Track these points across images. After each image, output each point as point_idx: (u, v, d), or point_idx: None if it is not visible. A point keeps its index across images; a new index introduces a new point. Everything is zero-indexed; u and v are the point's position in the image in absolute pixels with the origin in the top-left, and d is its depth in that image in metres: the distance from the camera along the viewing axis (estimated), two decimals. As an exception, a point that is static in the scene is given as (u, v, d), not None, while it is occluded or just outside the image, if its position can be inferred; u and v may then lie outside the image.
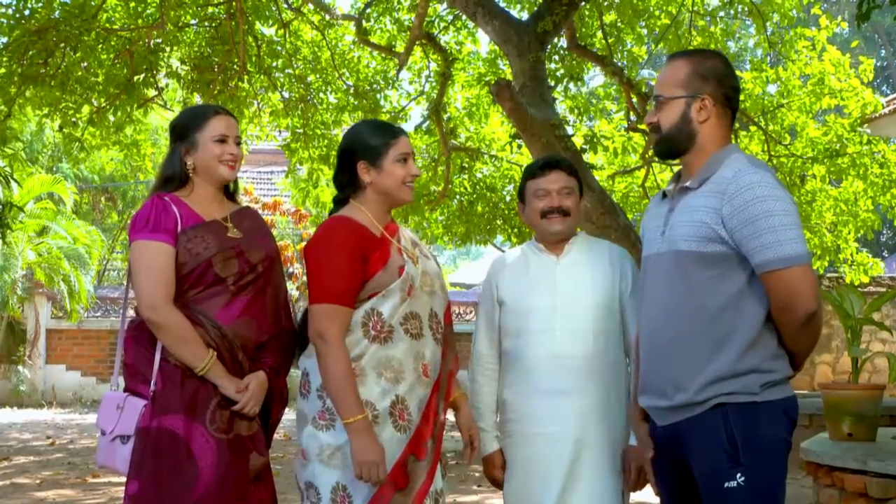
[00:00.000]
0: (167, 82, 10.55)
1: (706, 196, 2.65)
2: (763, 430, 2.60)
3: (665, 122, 2.76)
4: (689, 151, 2.76)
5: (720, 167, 2.68)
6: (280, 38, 10.55)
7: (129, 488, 3.00)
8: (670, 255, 2.69)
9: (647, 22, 10.52)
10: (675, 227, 2.69)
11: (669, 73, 2.78)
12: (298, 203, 13.16)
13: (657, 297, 2.75)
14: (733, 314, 2.62)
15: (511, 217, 12.14)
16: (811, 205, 11.18)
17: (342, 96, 11.28)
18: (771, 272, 2.56)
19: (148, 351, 3.05)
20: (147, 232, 3.03)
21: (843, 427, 5.02)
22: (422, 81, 11.51)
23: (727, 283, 2.62)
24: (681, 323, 2.67)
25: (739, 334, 2.61)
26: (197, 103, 10.33)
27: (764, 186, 2.58)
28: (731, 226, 2.59)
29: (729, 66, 2.81)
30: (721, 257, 2.62)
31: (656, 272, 2.75)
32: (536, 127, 7.90)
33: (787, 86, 10.97)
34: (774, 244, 2.55)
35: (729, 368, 2.60)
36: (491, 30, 8.73)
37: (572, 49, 9.81)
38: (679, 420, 2.68)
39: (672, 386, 2.69)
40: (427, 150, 12.10)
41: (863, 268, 11.41)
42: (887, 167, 10.89)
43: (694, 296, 2.64)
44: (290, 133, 11.36)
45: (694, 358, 2.64)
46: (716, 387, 2.61)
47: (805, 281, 2.57)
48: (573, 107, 10.91)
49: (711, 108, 2.73)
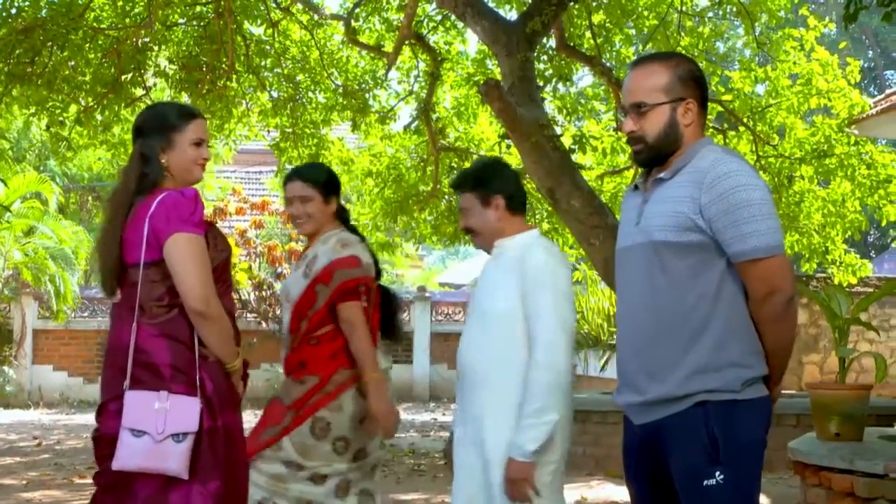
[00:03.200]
0: (155, 81, 10.53)
1: (683, 186, 2.65)
2: (743, 428, 2.62)
3: (651, 130, 2.73)
4: (672, 153, 2.75)
5: (694, 157, 2.69)
6: (269, 37, 10.54)
7: (211, 488, 2.99)
8: (646, 246, 2.68)
9: (635, 22, 10.54)
10: (651, 218, 2.69)
11: (646, 78, 2.75)
12: (287, 203, 13.14)
13: (634, 288, 2.74)
14: (711, 303, 2.62)
15: (500, 217, 12.14)
16: (799, 205, 11.20)
17: (331, 96, 11.27)
18: (751, 261, 2.58)
19: (187, 348, 3.04)
20: (193, 225, 3.03)
21: (831, 427, 5.05)
22: (410, 81, 11.51)
23: (705, 272, 2.63)
24: (658, 313, 2.66)
25: (718, 324, 2.62)
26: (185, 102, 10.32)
27: (742, 175, 2.60)
28: (710, 214, 2.59)
29: (700, 68, 2.83)
30: (698, 246, 2.62)
31: (632, 264, 2.75)
32: (525, 127, 7.91)
33: (775, 86, 11.00)
34: (755, 233, 2.57)
35: (707, 360, 2.60)
36: (480, 30, 8.74)
37: (561, 49, 9.82)
38: (658, 418, 2.67)
39: (647, 377, 2.67)
40: (416, 151, 12.10)
41: (851, 269, 11.44)
42: (875, 168, 10.91)
43: (671, 286, 2.64)
44: (278, 133, 11.35)
45: (672, 348, 2.63)
46: (696, 381, 2.60)
47: (785, 268, 2.61)
48: (562, 107, 10.92)
49: (695, 112, 2.74)
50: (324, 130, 11.50)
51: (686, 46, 10.28)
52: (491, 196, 3.38)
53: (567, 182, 7.96)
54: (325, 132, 11.55)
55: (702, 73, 2.82)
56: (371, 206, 12.64)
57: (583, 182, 8.20)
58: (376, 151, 12.31)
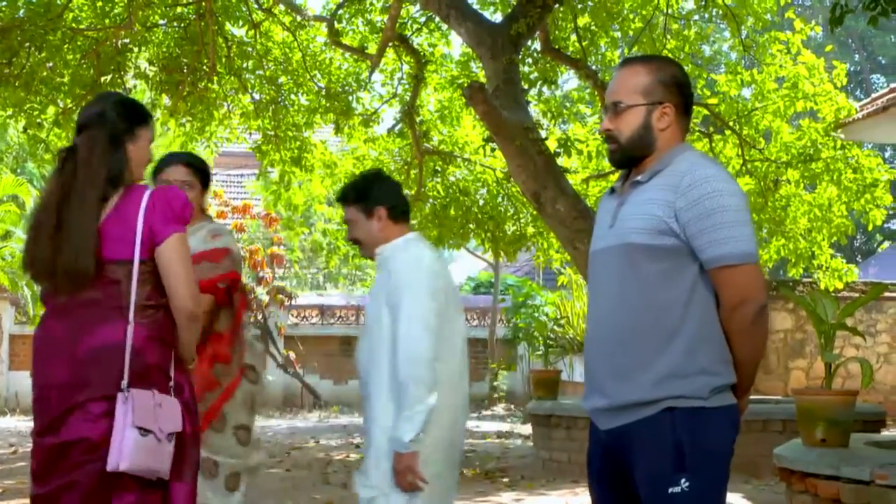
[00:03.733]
0: (135, 83, 10.49)
1: (658, 189, 2.66)
2: (710, 436, 2.61)
3: (625, 130, 2.75)
4: (647, 157, 2.76)
5: (672, 162, 2.69)
6: (250, 38, 10.52)
7: (189, 489, 3.00)
8: (620, 249, 2.68)
9: (620, 25, 10.57)
10: (625, 220, 2.69)
11: (628, 79, 2.77)
12: (269, 206, 13.14)
13: (606, 291, 2.73)
14: (683, 309, 2.62)
15: (484, 221, 12.15)
16: (785, 210, 11.23)
17: (314, 98, 11.25)
18: (724, 268, 2.59)
19: (169, 349, 3.01)
20: (183, 224, 3.02)
21: (817, 433, 5.06)
22: (394, 83, 11.52)
23: (678, 277, 2.63)
24: (628, 316, 2.66)
25: (688, 330, 2.61)
26: (166, 105, 10.29)
27: (718, 181, 2.61)
28: (685, 220, 2.60)
29: (685, 74, 2.83)
30: (672, 251, 2.63)
31: (605, 266, 2.75)
32: (510, 130, 7.91)
33: (761, 89, 11.04)
34: (729, 240, 2.58)
35: (677, 366, 2.60)
36: (464, 32, 8.74)
37: (546, 52, 9.84)
38: (624, 423, 2.66)
39: (615, 381, 2.66)
40: (400, 154, 12.10)
41: (837, 274, 11.48)
42: (861, 172, 10.96)
43: (644, 289, 2.64)
44: (260, 135, 11.33)
45: (641, 352, 2.63)
46: (664, 387, 2.60)
47: (757, 277, 2.63)
48: (547, 110, 10.94)
49: (672, 117, 2.74)
50: (306, 133, 11.48)
51: (672, 49, 10.31)
52: (374, 208, 3.56)
53: (552, 186, 7.97)
54: (307, 135, 11.53)
55: (687, 79, 2.82)
56: (354, 210, 12.61)
57: (568, 186, 8.21)
58: (360, 154, 12.30)
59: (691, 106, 2.83)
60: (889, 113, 10.59)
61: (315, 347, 16.82)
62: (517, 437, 12.10)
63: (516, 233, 12.36)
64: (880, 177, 11.07)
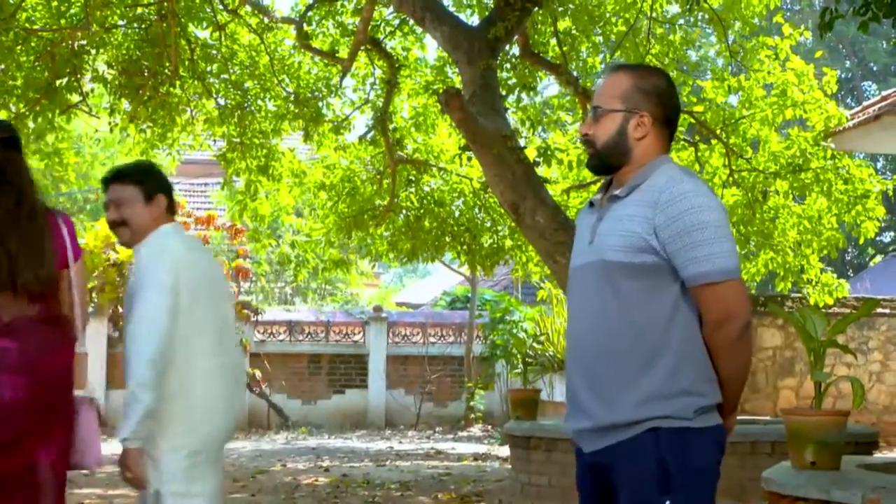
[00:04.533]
0: (92, 87, 10.44)
1: (637, 205, 2.70)
2: (695, 457, 2.66)
3: (601, 135, 2.81)
4: (623, 167, 2.81)
5: (650, 176, 2.74)
6: (215, 41, 10.49)
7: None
8: (598, 266, 2.72)
9: (603, 29, 10.62)
10: (604, 237, 2.73)
11: (610, 84, 2.83)
12: (234, 217, 13.06)
13: (586, 309, 2.77)
14: (665, 328, 2.66)
15: (461, 233, 12.16)
16: (774, 222, 11.29)
17: (281, 104, 11.23)
18: (706, 285, 2.63)
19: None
20: None
21: (806, 455, 5.08)
22: (366, 89, 11.52)
23: (658, 295, 2.67)
24: (609, 336, 2.70)
25: (671, 349, 2.66)
26: (125, 110, 10.24)
27: (697, 196, 2.66)
28: (665, 236, 2.64)
29: (672, 86, 2.87)
30: (652, 269, 2.67)
31: (584, 283, 2.78)
32: (487, 138, 7.93)
33: (748, 96, 11.11)
34: (711, 257, 2.62)
35: (660, 386, 2.64)
36: (439, 35, 8.77)
37: (525, 57, 9.88)
38: (608, 444, 2.70)
39: (598, 402, 2.70)
40: (372, 162, 12.10)
41: (827, 289, 11.54)
42: (852, 183, 11.03)
43: (624, 308, 2.68)
44: (225, 142, 11.29)
45: (623, 373, 2.67)
46: (648, 408, 2.64)
47: (741, 293, 2.67)
48: (526, 118, 10.97)
49: (649, 126, 2.79)
50: (274, 140, 11.46)
51: (656, 54, 10.37)
52: (156, 194, 3.66)
53: (531, 196, 7.99)
54: (275, 142, 11.50)
55: (673, 90, 2.86)
56: (324, 221, 12.61)
57: (547, 196, 8.23)
58: (330, 163, 12.29)
59: (674, 119, 2.87)
60: (881, 122, 10.66)
61: (282, 365, 16.75)
62: (495, 460, 12.09)
63: (494, 246, 12.38)
64: (872, 188, 11.14)
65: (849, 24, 23.45)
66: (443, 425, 16.68)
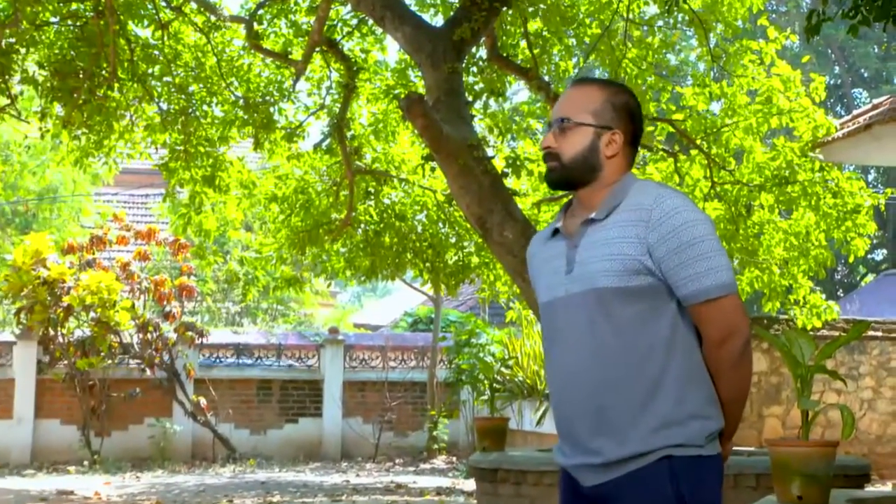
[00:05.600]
0: (22, 89, 10.37)
1: (624, 226, 2.73)
2: (707, 486, 2.71)
3: (568, 149, 2.83)
4: (588, 185, 2.84)
5: (629, 194, 2.78)
6: (157, 40, 10.45)
7: None
8: (587, 296, 2.74)
9: (576, 31, 10.68)
10: (589, 264, 2.75)
11: (579, 97, 2.87)
12: (178, 231, 12.99)
13: (575, 343, 2.77)
14: (665, 351, 2.71)
15: (423, 250, 12.16)
16: (759, 238, 11.36)
17: (230, 109, 11.20)
18: (708, 301, 2.69)
19: None
20: None
21: (793, 489, 5.10)
22: (322, 93, 11.51)
23: (656, 318, 2.72)
24: (606, 367, 2.72)
25: (674, 373, 2.70)
26: (57, 114, 10.16)
27: (689, 211, 2.71)
28: (660, 255, 2.68)
29: (639, 105, 2.95)
30: (648, 291, 2.71)
31: (569, 316, 2.79)
32: (452, 147, 7.94)
33: (731, 104, 11.17)
34: (710, 271, 2.68)
35: (669, 413, 2.68)
36: (401, 36, 8.77)
37: (493, 60, 9.91)
38: (617, 476, 2.71)
39: (603, 438, 2.71)
40: (327, 173, 12.08)
41: (816, 310, 11.61)
42: (841, 197, 11.12)
43: (620, 335, 2.71)
44: (168, 150, 11.24)
45: (630, 403, 2.69)
46: (660, 436, 2.67)
47: (741, 307, 2.74)
48: (494, 125, 11.01)
49: (621, 145, 2.84)
50: (221, 149, 11.42)
51: (633, 59, 10.44)
52: None
53: (499, 210, 8.00)
54: (222, 150, 11.47)
55: (640, 110, 2.93)
56: (275, 236, 12.56)
57: (517, 210, 8.25)
58: (282, 173, 12.26)
59: (639, 139, 2.94)
60: (872, 131, 10.75)
61: (229, 392, 16.63)
62: (459, 494, 12.07)
63: (459, 263, 12.38)
64: (863, 202, 11.22)
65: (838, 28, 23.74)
66: (404, 457, 16.63)
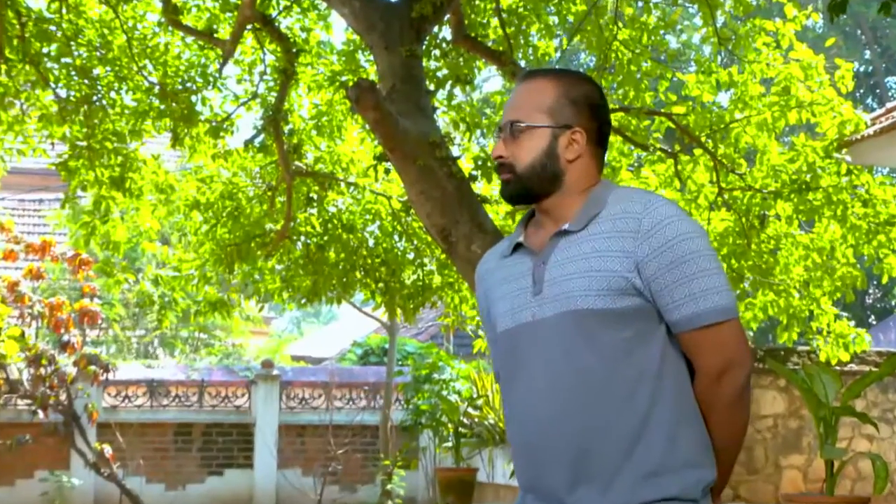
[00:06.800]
0: None
1: (608, 237, 2.73)
2: None
3: (522, 157, 2.84)
4: (552, 195, 2.85)
5: (607, 202, 2.79)
6: (54, 14, 10.41)
7: None
8: (563, 318, 2.73)
9: (557, 7, 10.71)
10: (563, 282, 2.75)
11: (529, 94, 2.87)
12: (79, 244, 12.88)
13: (546, 376, 2.76)
14: (655, 385, 2.71)
15: (375, 267, 12.14)
16: (774, 255, 11.36)
17: (143, 97, 11.16)
18: (705, 328, 2.69)
19: None
20: None
21: (815, 554, 5.15)
22: (254, 80, 11.48)
23: (643, 346, 2.72)
24: (592, 405, 2.71)
25: (664, 410, 2.70)
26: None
27: (683, 221, 2.72)
28: (650, 271, 2.69)
29: (603, 96, 2.94)
30: (635, 314, 2.71)
31: (537, 344, 2.78)
32: (410, 145, 7.95)
33: (742, 94, 11.19)
34: (708, 292, 2.69)
35: (660, 458, 2.68)
36: (349, 13, 8.78)
37: (459, 42, 9.93)
38: None
39: (589, 488, 2.71)
40: (261, 175, 12.05)
41: (843, 341, 11.61)
42: (872, 206, 11.11)
43: (606, 365, 2.70)
44: (67, 146, 11.17)
45: (617, 446, 2.69)
46: (650, 487, 2.67)
47: (743, 335, 2.75)
48: (460, 119, 11.02)
49: (583, 145, 2.84)
50: (132, 145, 11.36)
51: (626, 40, 10.48)
52: None
53: (466, 219, 8.01)
54: (133, 147, 11.41)
55: (605, 102, 2.93)
56: (198, 251, 12.51)
57: (487, 220, 8.26)
58: (206, 175, 12.22)
59: (607, 135, 2.93)
60: (908, 128, 10.82)
61: (140, 438, 16.54)
62: (418, 562, 12.05)
63: (418, 283, 12.38)
64: (897, 212, 11.26)
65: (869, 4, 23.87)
66: (351, 516, 16.60)
